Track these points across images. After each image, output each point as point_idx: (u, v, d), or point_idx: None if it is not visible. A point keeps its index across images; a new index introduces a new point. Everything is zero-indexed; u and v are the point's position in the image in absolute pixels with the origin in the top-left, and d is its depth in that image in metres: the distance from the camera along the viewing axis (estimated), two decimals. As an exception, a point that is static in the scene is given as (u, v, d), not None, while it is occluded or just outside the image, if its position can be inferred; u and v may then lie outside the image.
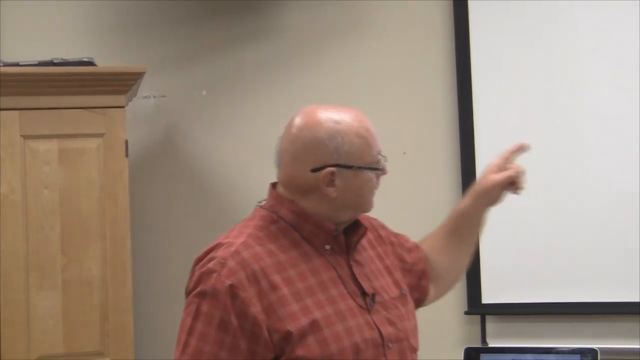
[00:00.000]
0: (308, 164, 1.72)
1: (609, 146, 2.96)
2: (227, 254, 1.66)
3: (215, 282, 1.62)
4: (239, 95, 3.35)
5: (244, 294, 1.61)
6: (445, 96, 3.19)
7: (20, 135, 2.81)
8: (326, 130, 1.73)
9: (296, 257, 1.70)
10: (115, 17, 3.37)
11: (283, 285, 1.64)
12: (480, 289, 3.07)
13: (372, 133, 1.81)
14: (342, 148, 1.72)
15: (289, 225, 1.73)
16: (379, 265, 1.87)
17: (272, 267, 1.66)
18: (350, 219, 1.80)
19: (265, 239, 1.70)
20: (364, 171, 1.76)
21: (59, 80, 2.82)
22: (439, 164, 3.19)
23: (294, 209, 1.74)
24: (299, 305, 1.64)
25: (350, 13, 3.29)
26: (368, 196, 1.80)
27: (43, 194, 2.80)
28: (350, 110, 1.81)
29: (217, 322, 1.60)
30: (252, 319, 1.60)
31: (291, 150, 1.75)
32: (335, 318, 1.66)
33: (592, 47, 3.00)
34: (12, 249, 2.76)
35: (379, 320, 1.73)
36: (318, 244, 1.74)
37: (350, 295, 1.71)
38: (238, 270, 1.63)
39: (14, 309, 2.75)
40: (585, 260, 2.96)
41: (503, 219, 3.05)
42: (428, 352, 3.11)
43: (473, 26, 3.12)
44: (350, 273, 1.75)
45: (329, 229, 1.74)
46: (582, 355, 2.70)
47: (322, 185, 1.71)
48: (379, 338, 1.70)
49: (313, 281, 1.69)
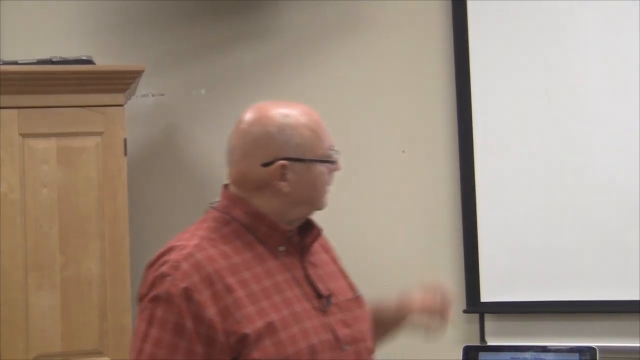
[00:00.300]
0: (258, 158, 1.70)
1: (608, 146, 2.96)
2: (181, 256, 1.63)
3: (170, 285, 1.59)
4: (238, 94, 3.35)
5: (199, 297, 1.58)
6: (444, 95, 3.19)
7: (19, 134, 2.81)
8: (275, 123, 1.70)
9: (250, 259, 1.67)
10: (114, 16, 3.37)
11: (238, 287, 1.62)
12: (479, 287, 3.07)
13: (322, 127, 1.77)
14: (292, 141, 1.70)
15: (242, 227, 1.71)
16: (334, 267, 1.86)
17: (227, 269, 1.63)
18: (304, 215, 1.77)
19: (218, 241, 1.68)
20: (316, 164, 1.72)
21: (57, 79, 2.82)
22: (437, 163, 3.19)
23: (247, 209, 1.71)
24: (254, 308, 1.61)
25: (349, 13, 3.29)
26: (321, 190, 1.75)
27: (42, 193, 2.80)
28: (300, 105, 1.78)
29: (172, 326, 1.57)
30: (207, 322, 1.57)
31: (241, 146, 1.72)
32: (292, 320, 1.64)
33: (592, 46, 3.00)
34: (11, 247, 2.76)
35: (335, 322, 1.71)
36: (272, 245, 1.71)
37: (305, 297, 1.69)
38: (192, 273, 1.60)
39: (12, 308, 2.75)
40: (584, 259, 2.96)
41: (502, 218, 3.06)
42: (427, 350, 3.13)
43: (472, 26, 3.12)
44: (305, 275, 1.73)
45: (284, 230, 1.71)
46: (580, 353, 2.70)
47: (274, 180, 1.69)
48: (335, 340, 1.68)
49: (268, 283, 1.66)
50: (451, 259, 3.14)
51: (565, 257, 2.98)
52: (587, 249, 2.96)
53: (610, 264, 2.93)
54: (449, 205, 3.17)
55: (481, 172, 3.08)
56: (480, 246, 3.07)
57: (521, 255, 3.02)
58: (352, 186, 3.26)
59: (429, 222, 3.20)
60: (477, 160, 3.08)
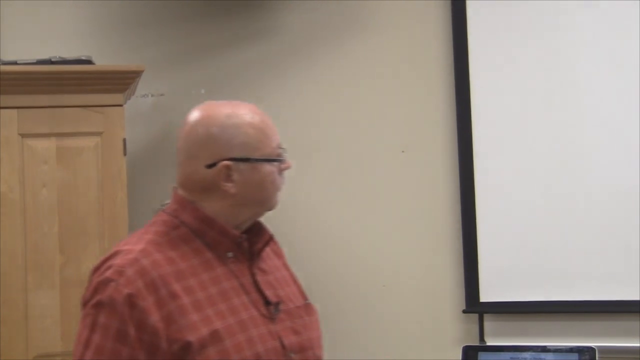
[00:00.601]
0: (203, 160, 1.67)
1: (608, 145, 2.96)
2: (125, 262, 1.60)
3: (113, 291, 1.57)
4: (238, 94, 3.32)
5: (143, 303, 1.55)
6: (444, 95, 3.19)
7: (19, 134, 2.81)
8: (218, 123, 1.68)
9: (197, 266, 1.64)
10: (113, 16, 3.37)
11: (183, 294, 1.59)
12: (478, 287, 3.07)
13: (269, 125, 1.73)
14: (235, 140, 1.67)
15: (191, 232, 1.68)
16: (285, 273, 1.84)
17: (172, 275, 1.60)
18: (255, 216, 1.74)
19: (165, 246, 1.65)
20: (263, 164, 1.69)
21: (57, 79, 2.82)
22: (437, 162, 3.19)
23: (197, 214, 1.68)
24: (199, 315, 1.58)
25: (349, 13, 3.29)
26: (270, 191, 1.72)
27: (41, 193, 2.80)
28: (246, 105, 1.75)
29: (115, 333, 1.55)
30: (151, 329, 1.55)
31: (185, 148, 1.70)
32: (237, 328, 1.61)
33: (592, 45, 2.99)
34: (10, 247, 2.76)
35: (283, 329, 1.69)
36: (221, 251, 1.68)
37: (253, 305, 1.66)
38: (136, 279, 1.57)
39: (12, 308, 2.74)
40: (584, 259, 2.96)
41: (501, 217, 3.06)
42: (426, 350, 3.13)
43: (471, 25, 3.11)
44: (254, 281, 1.70)
45: (233, 235, 1.69)
46: (580, 353, 2.70)
47: (219, 181, 1.66)
48: (281, 348, 1.66)
49: (214, 290, 1.63)
50: (450, 258, 3.14)
51: (565, 257, 2.98)
52: (586, 249, 2.96)
53: (610, 264, 2.93)
54: (449, 205, 3.17)
55: (480, 172, 3.08)
56: (480, 246, 3.07)
57: (520, 255, 3.02)
58: (352, 186, 3.26)
59: (429, 222, 3.20)
60: (476, 160, 3.08)
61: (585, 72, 3.00)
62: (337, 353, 3.20)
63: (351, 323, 3.20)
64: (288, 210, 3.31)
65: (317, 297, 3.22)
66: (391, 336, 3.18)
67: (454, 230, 3.14)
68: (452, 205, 3.15)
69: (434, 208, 3.20)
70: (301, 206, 3.29)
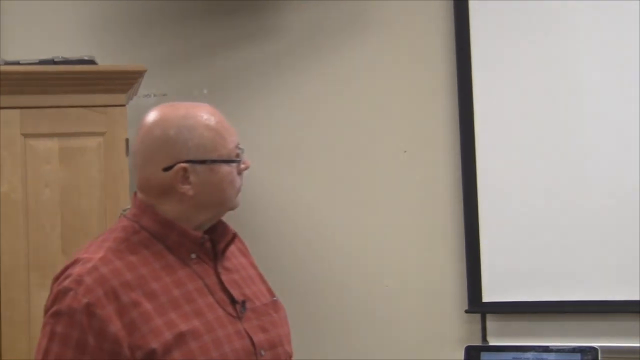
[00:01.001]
0: (159, 163, 1.66)
1: (609, 145, 2.96)
2: (84, 270, 1.60)
3: (71, 300, 1.57)
4: (240, 94, 3.35)
5: (102, 312, 1.55)
6: (446, 95, 3.18)
7: (21, 134, 2.81)
8: (173, 126, 1.66)
9: (159, 270, 1.64)
10: (116, 16, 3.37)
11: (145, 300, 1.58)
12: (480, 287, 3.07)
13: (225, 126, 1.72)
14: (191, 142, 1.65)
15: (151, 236, 1.67)
16: (251, 271, 1.83)
17: (134, 281, 1.60)
18: (215, 217, 1.74)
19: (126, 252, 1.64)
20: (220, 165, 1.68)
21: (59, 79, 2.83)
22: (439, 163, 3.19)
23: (157, 218, 1.68)
24: (162, 320, 1.58)
25: (350, 12, 3.29)
26: (229, 191, 1.71)
27: (44, 193, 2.80)
28: (202, 106, 1.73)
29: (74, 342, 1.55)
30: (111, 338, 1.54)
31: (141, 151, 1.69)
32: (203, 330, 1.61)
33: (593, 46, 2.99)
34: (13, 247, 2.76)
35: (251, 328, 1.68)
36: (183, 253, 1.68)
37: (219, 305, 1.66)
38: (95, 288, 1.57)
39: (14, 308, 2.75)
40: (586, 259, 2.96)
41: (503, 218, 3.06)
42: (429, 350, 3.13)
43: (473, 25, 3.11)
44: (219, 281, 1.70)
45: (195, 237, 1.68)
46: (582, 353, 2.70)
47: (176, 184, 1.65)
48: (251, 346, 1.66)
49: (178, 293, 1.63)
50: (453, 258, 3.14)
51: (567, 257, 2.98)
52: (588, 249, 2.96)
53: (612, 264, 2.93)
54: (451, 205, 3.16)
55: (483, 172, 3.08)
56: (482, 246, 3.06)
57: (523, 255, 3.02)
58: (353, 186, 3.26)
59: (431, 222, 3.20)
60: (478, 160, 3.08)
61: (588, 72, 3.00)
62: (338, 353, 3.20)
63: (353, 323, 3.20)
64: (289, 210, 3.32)
65: (319, 297, 3.24)
66: (393, 336, 3.18)
67: (456, 230, 3.14)
68: (454, 205, 3.15)
69: (436, 208, 3.19)
70: (303, 206, 3.29)
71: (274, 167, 3.33)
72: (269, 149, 3.34)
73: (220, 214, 1.75)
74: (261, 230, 3.26)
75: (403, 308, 3.19)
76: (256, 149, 3.32)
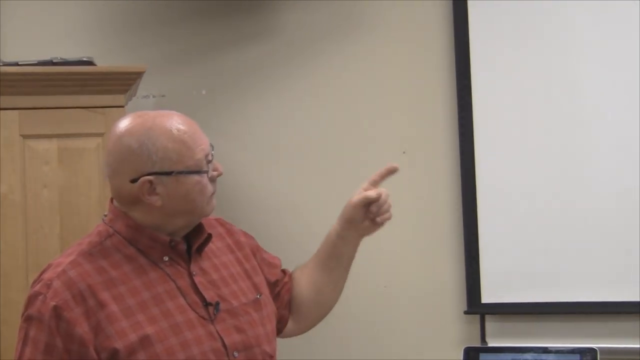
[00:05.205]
0: (126, 175, 1.69)
1: (609, 146, 2.96)
2: (54, 274, 1.64)
3: (41, 305, 1.62)
4: (239, 95, 3.35)
5: (69, 315, 1.59)
6: (445, 95, 3.18)
7: (20, 135, 2.81)
8: (137, 138, 1.68)
9: (129, 272, 1.67)
10: (114, 17, 3.37)
11: (112, 302, 1.62)
12: (479, 288, 3.07)
13: (191, 136, 1.72)
14: (155, 155, 1.67)
15: (124, 240, 1.71)
16: (236, 269, 1.83)
17: (101, 284, 1.63)
18: (188, 224, 1.75)
19: (97, 256, 1.68)
20: (187, 176, 1.69)
21: (58, 80, 2.82)
22: (438, 163, 3.19)
23: (128, 222, 1.71)
24: (128, 322, 1.61)
25: (350, 13, 3.29)
26: (199, 200, 1.72)
27: (42, 194, 2.80)
28: (169, 115, 1.74)
29: (43, 346, 1.60)
30: (78, 339, 1.58)
31: (110, 163, 1.72)
32: (170, 332, 1.63)
33: (593, 46, 2.99)
34: (12, 248, 2.76)
35: (224, 329, 1.69)
36: (156, 256, 1.70)
37: (190, 307, 1.68)
38: (63, 291, 1.61)
39: (13, 309, 2.74)
40: (585, 260, 2.96)
41: (503, 218, 3.06)
42: (428, 351, 3.13)
43: (472, 26, 3.11)
44: (192, 283, 1.71)
45: (164, 240, 1.70)
46: (581, 354, 2.70)
47: (144, 195, 1.68)
48: (222, 348, 1.67)
49: (147, 295, 1.65)
50: (452, 259, 3.14)
51: (566, 258, 2.98)
52: (588, 250, 2.96)
53: (612, 264, 2.93)
54: (450, 206, 3.16)
55: (482, 172, 3.08)
56: (481, 247, 3.06)
57: (522, 256, 3.02)
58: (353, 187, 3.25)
59: (430, 222, 3.20)
60: (478, 161, 3.08)
61: (587, 72, 3.00)
62: (338, 354, 3.20)
63: (352, 324, 3.20)
64: (288, 210, 3.32)
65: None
66: (392, 337, 3.18)
67: (455, 231, 3.14)
68: (454, 206, 3.15)
69: (435, 209, 3.19)
70: (301, 207, 3.29)
71: (272, 167, 3.34)
72: (267, 149, 3.34)
73: (194, 221, 1.76)
74: (260, 230, 3.25)
75: (402, 309, 3.19)
76: (255, 149, 3.33)
